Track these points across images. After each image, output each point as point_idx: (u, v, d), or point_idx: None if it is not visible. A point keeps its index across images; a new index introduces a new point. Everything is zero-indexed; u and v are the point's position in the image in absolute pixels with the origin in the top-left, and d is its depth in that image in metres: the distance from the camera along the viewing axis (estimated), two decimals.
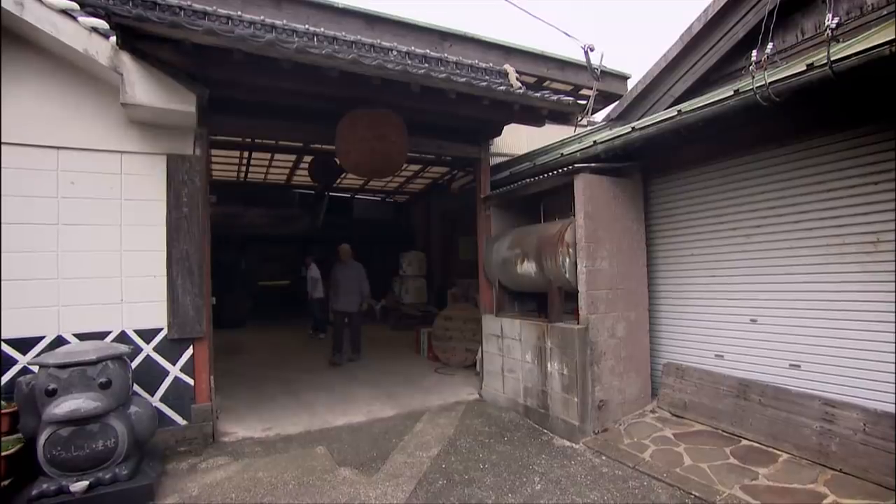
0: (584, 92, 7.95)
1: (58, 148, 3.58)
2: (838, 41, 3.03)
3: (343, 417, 4.62)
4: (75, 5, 3.45)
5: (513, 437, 4.11)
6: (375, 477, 3.37)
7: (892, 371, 3.00)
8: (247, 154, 8.15)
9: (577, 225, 4.13)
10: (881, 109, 3.01)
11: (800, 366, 3.52)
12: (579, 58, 6.64)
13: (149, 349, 3.81)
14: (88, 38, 3.39)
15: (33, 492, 2.78)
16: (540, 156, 5.57)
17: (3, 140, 3.39)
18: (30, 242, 3.48)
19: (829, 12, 3.07)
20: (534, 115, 4.90)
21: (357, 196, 12.81)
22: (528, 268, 4.71)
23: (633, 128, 4.05)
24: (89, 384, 2.97)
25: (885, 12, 3.50)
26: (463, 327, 6.92)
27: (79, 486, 2.85)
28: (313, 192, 11.80)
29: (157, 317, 3.84)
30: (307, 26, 5.63)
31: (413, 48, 6.10)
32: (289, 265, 13.99)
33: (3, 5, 3.16)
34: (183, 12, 4.75)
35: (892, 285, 3.02)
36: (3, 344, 3.34)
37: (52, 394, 2.89)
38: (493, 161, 5.96)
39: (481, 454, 3.73)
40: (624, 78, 8.37)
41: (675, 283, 4.50)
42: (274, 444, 3.97)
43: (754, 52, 3.25)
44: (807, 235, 3.49)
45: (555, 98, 4.76)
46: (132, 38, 3.34)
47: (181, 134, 3.97)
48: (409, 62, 5.48)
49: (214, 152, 6.60)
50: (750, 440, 3.53)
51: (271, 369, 6.78)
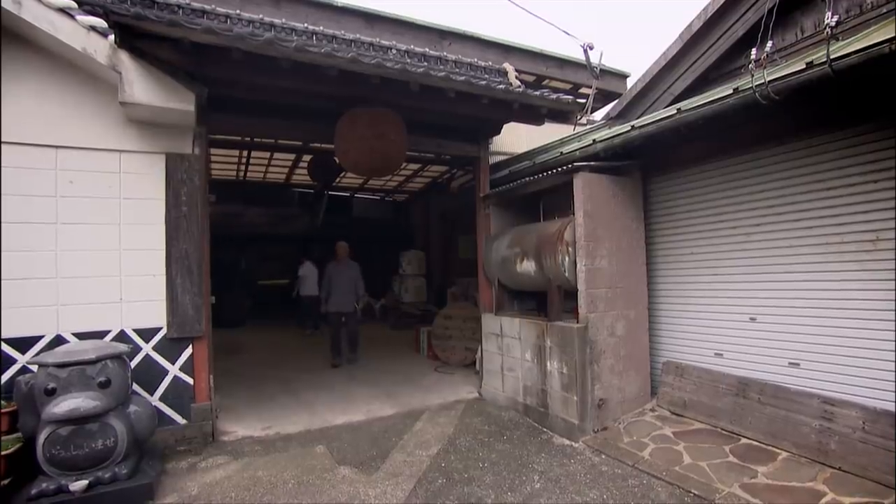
0: (583, 90, 7.92)
1: (56, 147, 3.57)
2: (838, 39, 3.03)
3: (343, 416, 4.62)
4: (73, 4, 3.44)
5: (512, 435, 4.11)
6: (375, 476, 3.37)
7: (892, 369, 3.00)
8: (246, 153, 8.15)
9: (576, 223, 4.13)
10: (881, 108, 3.01)
11: (799, 364, 3.52)
12: (579, 56, 6.62)
13: (148, 348, 3.81)
14: (87, 37, 3.39)
15: (33, 491, 2.78)
16: (539, 154, 5.58)
17: (2, 139, 3.38)
18: (29, 241, 3.47)
19: (829, 10, 3.07)
20: (533, 114, 4.89)
21: (356, 195, 12.80)
22: (528, 266, 4.71)
23: (632, 126, 4.05)
24: (88, 383, 2.97)
25: (884, 10, 3.50)
26: (462, 326, 6.91)
27: (78, 485, 2.85)
28: (312, 191, 11.80)
29: (156, 316, 3.84)
30: (306, 25, 5.62)
31: (412, 47, 6.08)
32: (288, 264, 13.93)
33: (2, 4, 3.15)
34: (181, 11, 4.73)
35: (892, 283, 3.02)
36: (3, 343, 3.34)
37: (51, 393, 2.89)
38: (493, 160, 5.96)
39: (481, 453, 3.74)
40: (623, 76, 8.35)
41: (674, 282, 4.50)
42: (273, 443, 3.97)
43: (754, 51, 3.24)
44: (806, 234, 3.49)
45: (554, 97, 4.76)
46: (131, 37, 3.33)
47: (180, 133, 3.97)
48: (408, 61, 5.47)
49: (213, 151, 6.58)
50: (749, 438, 3.53)
51: (271, 368, 6.78)
